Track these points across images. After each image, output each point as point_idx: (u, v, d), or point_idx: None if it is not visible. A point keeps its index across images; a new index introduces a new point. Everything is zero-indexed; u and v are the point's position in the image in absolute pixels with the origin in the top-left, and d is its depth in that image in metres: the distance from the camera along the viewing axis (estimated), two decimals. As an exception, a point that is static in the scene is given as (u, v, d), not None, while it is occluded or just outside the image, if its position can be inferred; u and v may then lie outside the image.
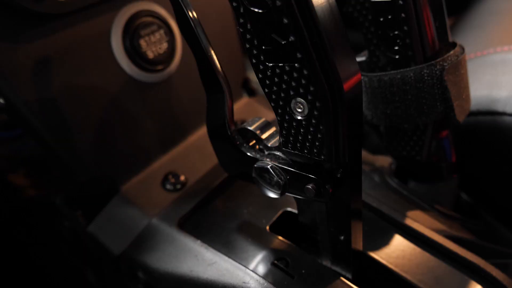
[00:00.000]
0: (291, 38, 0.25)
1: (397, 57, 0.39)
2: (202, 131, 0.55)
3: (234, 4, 0.27)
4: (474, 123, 0.46)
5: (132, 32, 0.46)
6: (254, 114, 0.61)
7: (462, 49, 0.39)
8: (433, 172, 0.46)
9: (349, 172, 0.31)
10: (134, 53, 0.46)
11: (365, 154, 0.53)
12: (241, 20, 0.27)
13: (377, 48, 0.40)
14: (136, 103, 0.48)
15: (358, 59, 0.43)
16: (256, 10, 0.26)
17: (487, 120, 0.46)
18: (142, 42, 0.47)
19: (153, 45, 0.48)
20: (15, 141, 0.64)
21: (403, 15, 0.37)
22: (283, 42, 0.26)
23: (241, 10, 0.27)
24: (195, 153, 0.53)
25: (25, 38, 0.38)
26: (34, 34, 0.39)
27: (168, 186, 0.48)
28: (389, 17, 0.37)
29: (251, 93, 0.69)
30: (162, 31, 0.49)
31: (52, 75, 0.41)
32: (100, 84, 0.45)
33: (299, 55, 0.26)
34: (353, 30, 0.39)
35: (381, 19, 0.38)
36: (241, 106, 0.62)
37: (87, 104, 0.44)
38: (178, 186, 0.48)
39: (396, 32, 0.38)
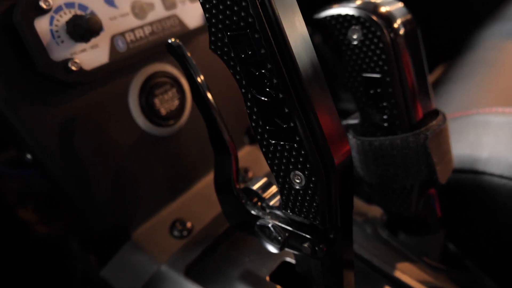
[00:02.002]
0: (291, 124, 0.30)
1: (385, 124, 0.43)
2: (208, 179, 0.60)
3: (243, 90, 0.32)
4: (458, 180, 0.51)
5: (147, 92, 0.51)
6: (257, 162, 0.65)
7: (444, 117, 0.44)
8: (421, 226, 0.50)
9: (341, 233, 0.35)
10: (149, 110, 0.51)
11: (358, 204, 0.57)
12: (249, 104, 0.32)
13: (368, 116, 0.44)
14: (149, 155, 0.53)
15: (352, 121, 0.48)
16: (262, 98, 0.31)
17: (469, 178, 0.50)
18: (156, 101, 0.51)
19: (166, 102, 0.52)
20: (25, 176, 0.68)
21: (390, 90, 0.41)
22: (284, 126, 0.30)
23: (249, 96, 0.32)
24: (201, 200, 0.57)
25: (53, 102, 0.43)
26: (61, 98, 0.44)
27: (176, 233, 0.52)
28: (378, 90, 0.42)
29: (254, 139, 0.73)
30: (174, 90, 0.53)
31: (75, 132, 0.45)
32: (117, 139, 0.49)
33: (297, 138, 0.30)
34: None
35: (371, 92, 0.43)
36: (245, 154, 0.66)
37: (105, 157, 0.48)
38: (185, 233, 0.52)
39: (384, 104, 0.42)
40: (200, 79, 0.40)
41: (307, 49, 0.29)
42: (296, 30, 0.28)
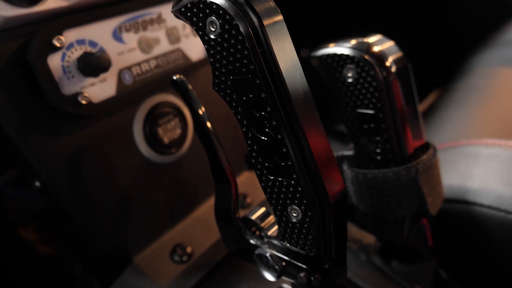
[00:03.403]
0: (289, 162, 0.32)
1: (378, 157, 0.45)
2: (207, 205, 0.61)
3: (244, 129, 0.34)
4: (449, 210, 0.53)
5: (151, 122, 0.53)
6: (255, 188, 0.67)
7: (434, 151, 0.46)
8: (413, 254, 0.51)
9: (336, 264, 0.37)
10: (152, 139, 0.53)
11: (353, 230, 0.59)
12: (249, 142, 0.34)
13: (362, 148, 0.47)
14: (151, 182, 0.55)
15: (347, 153, 0.50)
16: (261, 137, 0.33)
17: (460, 208, 0.52)
18: (160, 130, 0.54)
19: (169, 132, 0.55)
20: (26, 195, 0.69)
21: (383, 125, 0.44)
22: (282, 164, 0.33)
23: (250, 135, 0.34)
24: (201, 225, 0.58)
25: (62, 132, 0.45)
26: (69, 129, 0.46)
27: (176, 258, 0.54)
28: (372, 125, 0.44)
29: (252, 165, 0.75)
30: (177, 119, 0.56)
31: (82, 161, 0.47)
32: (121, 167, 0.51)
33: (294, 176, 0.32)
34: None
35: (365, 126, 0.45)
36: (243, 179, 0.68)
37: (109, 184, 0.50)
38: (185, 258, 0.54)
39: (377, 138, 0.45)
40: (201, 111, 0.42)
41: (305, 94, 0.31)
42: (295, 77, 0.31)
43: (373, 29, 0.51)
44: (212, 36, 0.31)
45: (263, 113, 0.31)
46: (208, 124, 0.42)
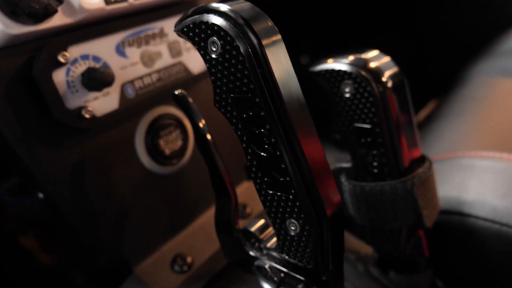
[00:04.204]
0: (287, 178, 0.33)
1: (375, 171, 0.46)
2: (207, 215, 0.62)
3: (244, 145, 0.35)
4: (445, 221, 0.54)
5: (153, 133, 0.54)
6: (254, 198, 0.68)
7: (430, 164, 0.47)
8: (410, 265, 0.52)
9: (333, 276, 0.38)
10: (154, 151, 0.54)
11: (351, 240, 0.60)
12: (249, 157, 0.35)
13: (359, 161, 0.48)
14: (152, 192, 0.55)
15: (345, 165, 0.51)
16: (261, 153, 0.34)
17: (456, 220, 0.53)
18: (161, 142, 0.55)
19: (170, 143, 0.56)
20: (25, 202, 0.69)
21: (380, 140, 0.45)
22: (281, 179, 0.33)
23: (249, 151, 0.35)
24: (201, 235, 0.59)
25: (65, 145, 0.46)
26: (72, 141, 0.46)
27: (176, 268, 0.54)
28: (369, 140, 0.45)
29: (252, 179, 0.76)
30: (178, 131, 0.57)
31: (84, 173, 0.48)
32: (123, 178, 0.52)
33: (292, 191, 0.33)
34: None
35: (362, 140, 0.46)
36: (243, 190, 0.69)
37: (111, 196, 0.51)
38: (185, 268, 0.54)
39: (374, 152, 0.46)
40: (202, 124, 0.43)
41: (303, 112, 0.32)
42: (293, 96, 0.32)
43: (372, 34, 0.52)
44: (213, 56, 0.32)
45: (262, 130, 0.32)
46: (208, 137, 0.43)
